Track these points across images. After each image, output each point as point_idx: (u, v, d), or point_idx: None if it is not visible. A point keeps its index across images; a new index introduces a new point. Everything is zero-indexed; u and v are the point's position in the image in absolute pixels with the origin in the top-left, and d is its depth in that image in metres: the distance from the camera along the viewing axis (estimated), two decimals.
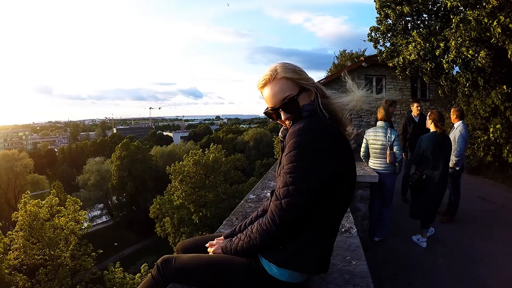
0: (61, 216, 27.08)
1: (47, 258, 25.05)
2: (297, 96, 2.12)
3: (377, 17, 18.35)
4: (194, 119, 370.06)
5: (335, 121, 2.16)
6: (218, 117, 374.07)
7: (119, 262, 28.19)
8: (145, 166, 63.97)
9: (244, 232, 2.24)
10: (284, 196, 1.92)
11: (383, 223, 7.75)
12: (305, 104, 2.12)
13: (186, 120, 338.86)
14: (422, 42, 15.59)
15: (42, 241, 25.23)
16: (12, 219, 26.16)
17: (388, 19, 17.92)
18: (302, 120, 2.02)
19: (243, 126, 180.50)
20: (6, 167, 66.55)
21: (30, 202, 26.08)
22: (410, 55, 16.25)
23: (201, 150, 44.02)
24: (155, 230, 41.39)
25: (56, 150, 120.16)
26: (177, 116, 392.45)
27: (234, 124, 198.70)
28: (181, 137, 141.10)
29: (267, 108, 2.24)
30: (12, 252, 24.90)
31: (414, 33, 16.05)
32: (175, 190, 38.61)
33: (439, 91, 17.86)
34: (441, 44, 14.76)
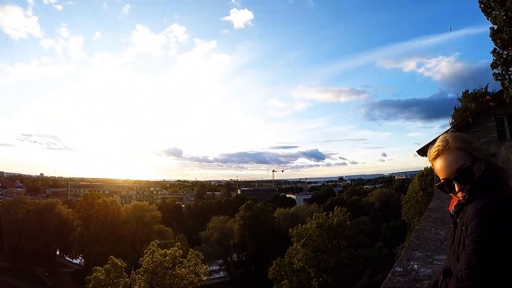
0: (183, 267, 28.12)
1: None
2: (472, 166, 2.04)
3: (496, 50, 15.60)
4: (317, 181, 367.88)
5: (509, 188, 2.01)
6: (341, 178, 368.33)
7: None
8: (267, 227, 64.24)
9: None
10: (467, 279, 1.85)
11: None
12: (479, 175, 2.03)
13: (309, 182, 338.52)
14: None
15: (161, 287, 26.26)
16: (139, 261, 27.78)
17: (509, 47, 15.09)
18: (481, 195, 1.96)
19: (367, 186, 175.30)
20: (137, 216, 72.25)
21: (157, 250, 27.57)
22: None
23: (324, 213, 42.85)
24: None
25: (183, 206, 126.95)
26: (300, 179, 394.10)
27: (358, 185, 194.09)
28: (304, 199, 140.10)
29: (440, 180, 2.15)
30: None
31: None
32: (296, 252, 37.63)
33: None
34: None
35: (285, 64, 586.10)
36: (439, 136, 2.22)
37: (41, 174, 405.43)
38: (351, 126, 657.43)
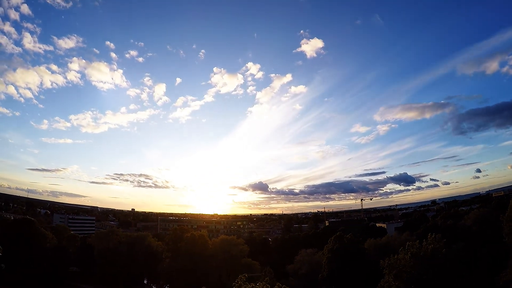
0: None
1: None
2: None
3: None
4: (408, 207, 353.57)
5: None
6: (433, 202, 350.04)
7: None
8: (357, 259, 62.04)
9: None
10: None
11: None
12: None
13: (400, 209, 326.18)
14: None
15: None
16: None
17: None
18: None
19: (463, 208, 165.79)
20: (224, 249, 74.22)
21: (244, 284, 27.74)
22: None
23: (417, 241, 40.80)
24: None
25: (270, 239, 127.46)
26: (390, 206, 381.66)
27: (453, 208, 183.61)
28: (395, 228, 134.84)
29: None
30: None
31: None
32: (388, 285, 35.98)
33: None
34: None
35: (363, 87, 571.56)
36: None
37: (133, 209, 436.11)
38: (439, 144, 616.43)
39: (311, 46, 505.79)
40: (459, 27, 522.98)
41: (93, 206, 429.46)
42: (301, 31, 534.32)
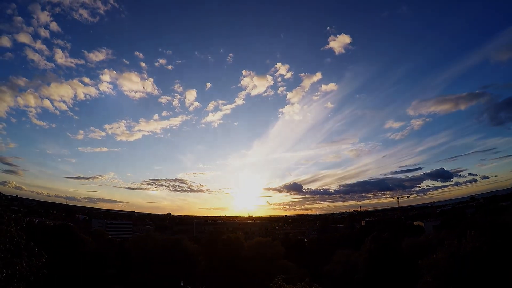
0: None
1: None
2: None
3: None
4: (446, 204, 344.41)
5: None
6: (473, 198, 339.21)
7: None
8: (394, 259, 61.28)
9: None
10: None
11: None
12: None
13: (437, 206, 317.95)
14: None
15: None
16: None
17: None
18: None
19: (503, 203, 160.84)
20: (260, 251, 74.56)
21: (282, 286, 27.90)
22: None
23: (456, 240, 39.91)
24: None
25: (305, 240, 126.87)
26: (427, 203, 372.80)
27: (492, 203, 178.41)
28: (433, 226, 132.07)
29: None
30: None
31: None
32: (427, 286, 35.32)
33: None
34: None
35: (395, 81, 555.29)
36: None
37: (169, 213, 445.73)
38: (476, 136, 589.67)
39: (339, 43, 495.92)
40: (489, 12, 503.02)
41: (130, 211, 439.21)
42: (328, 28, 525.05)
